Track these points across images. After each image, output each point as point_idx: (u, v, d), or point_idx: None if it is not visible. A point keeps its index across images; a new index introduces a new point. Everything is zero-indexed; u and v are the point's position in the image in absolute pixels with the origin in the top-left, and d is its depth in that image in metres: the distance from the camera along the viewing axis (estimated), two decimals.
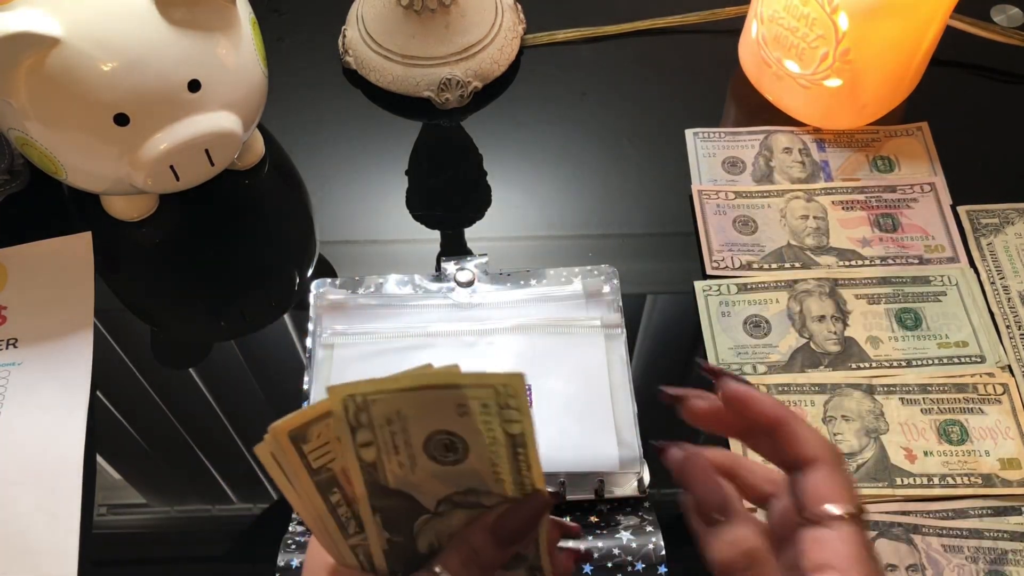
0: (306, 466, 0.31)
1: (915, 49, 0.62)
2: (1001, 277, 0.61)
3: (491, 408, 0.30)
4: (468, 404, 0.30)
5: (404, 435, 0.31)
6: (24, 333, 0.60)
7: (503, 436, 0.31)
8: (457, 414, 0.31)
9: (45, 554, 0.51)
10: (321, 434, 0.30)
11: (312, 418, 0.30)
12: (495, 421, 0.30)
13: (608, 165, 0.68)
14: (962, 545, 0.51)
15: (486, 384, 0.30)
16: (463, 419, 0.31)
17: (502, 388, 0.30)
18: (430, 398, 0.30)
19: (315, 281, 0.60)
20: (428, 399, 0.30)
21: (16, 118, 0.54)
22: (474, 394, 0.30)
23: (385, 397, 0.30)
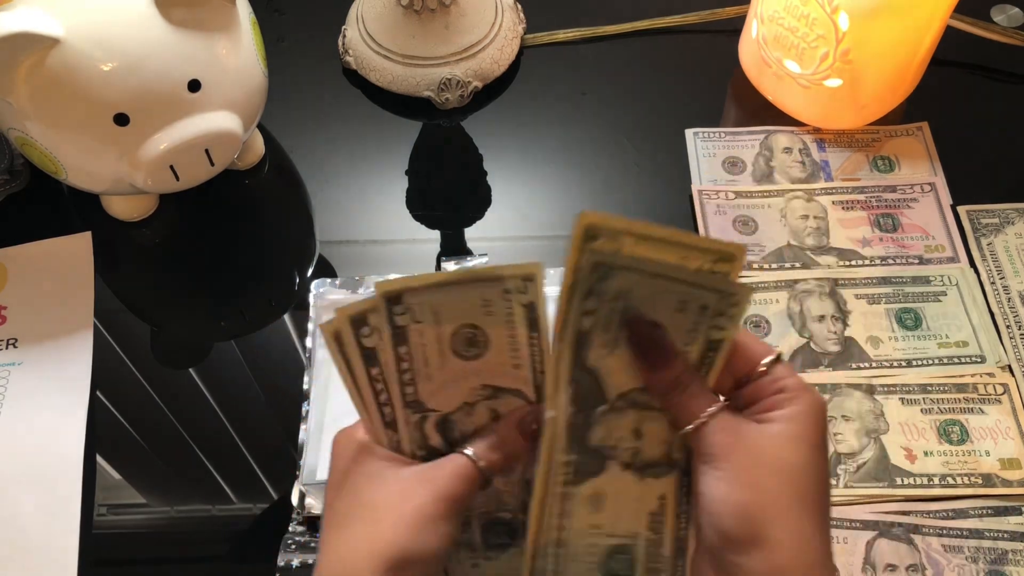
0: (360, 349, 0.33)
1: (915, 49, 0.62)
2: (1001, 277, 0.61)
3: (511, 294, 0.34)
4: (492, 299, 0.34)
5: (436, 329, 0.34)
6: (24, 333, 0.60)
7: (523, 319, 0.34)
8: (482, 309, 0.34)
9: (45, 554, 0.51)
10: (416, 304, 0.33)
11: (369, 307, 0.33)
12: (516, 307, 0.34)
13: (608, 165, 0.68)
14: (962, 545, 0.51)
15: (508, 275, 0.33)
16: (487, 315, 0.34)
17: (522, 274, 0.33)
18: (461, 293, 0.33)
19: (315, 281, 0.60)
20: (459, 295, 0.33)
21: (16, 118, 0.54)
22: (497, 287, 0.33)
23: (629, 266, 0.33)
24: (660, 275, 0.33)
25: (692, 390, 0.34)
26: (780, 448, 0.33)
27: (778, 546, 0.32)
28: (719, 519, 0.33)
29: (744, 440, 0.33)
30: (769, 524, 0.32)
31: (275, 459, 0.56)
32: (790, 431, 0.33)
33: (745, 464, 0.33)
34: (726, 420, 0.34)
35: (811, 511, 0.33)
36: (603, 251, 0.32)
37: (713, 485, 0.33)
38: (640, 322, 0.34)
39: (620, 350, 0.34)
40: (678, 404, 0.34)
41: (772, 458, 0.33)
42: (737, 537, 0.32)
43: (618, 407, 0.35)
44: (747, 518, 0.32)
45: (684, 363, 0.34)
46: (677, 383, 0.34)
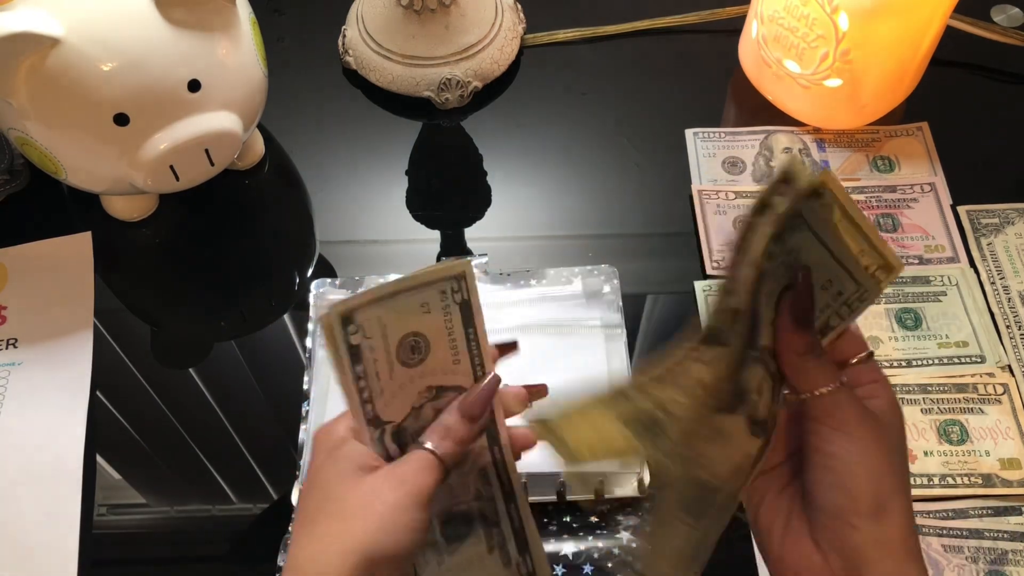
0: (346, 343, 0.35)
1: (915, 49, 0.62)
2: (1001, 277, 0.61)
3: (447, 295, 0.37)
4: (430, 301, 0.36)
5: (384, 343, 0.36)
6: (24, 333, 0.60)
7: (458, 316, 0.37)
8: (421, 312, 0.36)
9: (45, 554, 0.51)
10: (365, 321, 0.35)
11: (359, 304, 0.35)
12: (451, 305, 0.37)
13: (608, 165, 0.68)
14: (962, 545, 0.51)
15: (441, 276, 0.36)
16: (427, 316, 0.36)
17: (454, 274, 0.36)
18: (400, 303, 0.36)
19: (315, 281, 0.60)
20: (399, 304, 0.36)
21: (16, 118, 0.54)
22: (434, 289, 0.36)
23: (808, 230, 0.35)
24: (831, 250, 0.35)
25: (824, 359, 0.36)
26: (894, 430, 0.35)
27: (900, 517, 0.34)
28: (853, 480, 0.34)
29: (870, 416, 0.35)
30: (895, 495, 0.34)
31: (275, 459, 0.56)
32: (894, 420, 0.35)
33: (876, 436, 0.35)
34: (852, 394, 0.35)
35: (910, 496, 0.35)
36: (806, 206, 0.34)
37: (848, 447, 0.34)
38: (807, 278, 0.35)
39: (772, 301, 0.36)
40: (809, 369, 0.36)
41: (892, 438, 0.35)
42: (868, 500, 0.34)
43: (758, 359, 0.36)
44: (880, 483, 0.34)
45: (817, 334, 0.36)
46: (812, 348, 0.35)
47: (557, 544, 0.52)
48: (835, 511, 0.34)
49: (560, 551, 0.51)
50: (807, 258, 0.35)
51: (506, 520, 0.40)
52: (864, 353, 0.37)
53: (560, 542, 0.52)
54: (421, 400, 0.38)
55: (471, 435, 0.38)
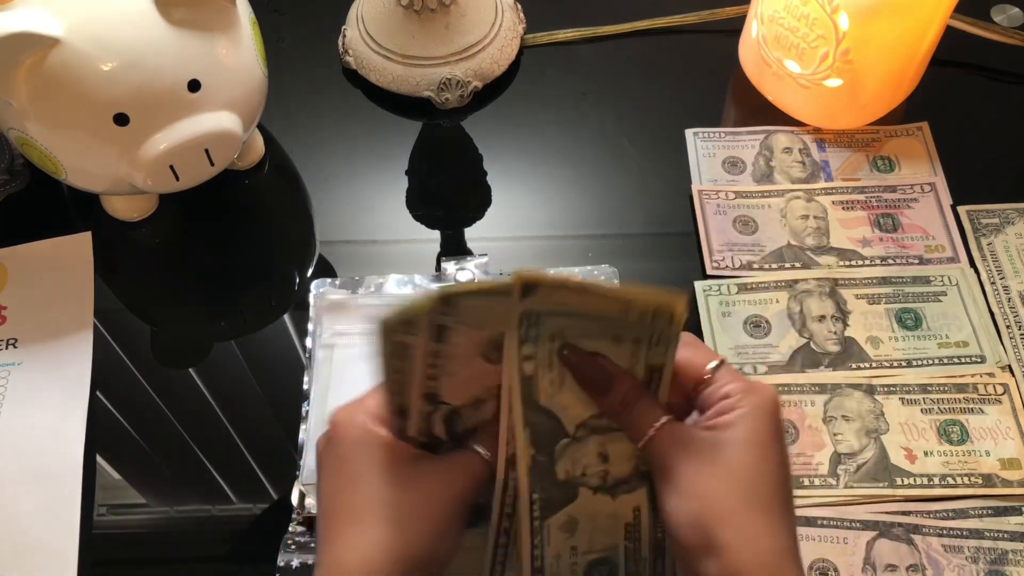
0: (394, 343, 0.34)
1: (915, 49, 0.62)
2: (1001, 277, 0.61)
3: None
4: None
5: (477, 335, 0.34)
6: (24, 333, 0.60)
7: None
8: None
9: (45, 554, 0.51)
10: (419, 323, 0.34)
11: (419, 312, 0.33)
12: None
13: (608, 165, 0.68)
14: (962, 545, 0.51)
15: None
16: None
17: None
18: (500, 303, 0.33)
19: (315, 281, 0.60)
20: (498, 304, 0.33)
21: (16, 118, 0.54)
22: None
23: (557, 311, 0.33)
24: (593, 317, 0.34)
25: (640, 407, 0.35)
26: (726, 453, 0.34)
27: (730, 549, 0.32)
28: (675, 530, 0.34)
29: (691, 450, 0.34)
30: (720, 529, 0.32)
31: (275, 459, 0.56)
32: (735, 434, 0.34)
33: (693, 473, 0.33)
34: (674, 432, 0.35)
35: (763, 510, 0.33)
36: (529, 304, 0.33)
37: (667, 497, 0.34)
38: (577, 353, 0.34)
39: (569, 385, 0.35)
40: (629, 422, 0.35)
41: (717, 464, 0.33)
42: (693, 545, 0.33)
43: (579, 436, 0.35)
44: (698, 526, 0.33)
45: (631, 382, 0.35)
46: (625, 403, 0.35)
47: None
48: (680, 559, 0.34)
49: None
50: (574, 332, 0.34)
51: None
52: (711, 366, 0.35)
53: None
54: (487, 395, 0.36)
55: None
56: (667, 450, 0.34)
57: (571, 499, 0.36)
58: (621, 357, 0.35)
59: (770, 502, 0.33)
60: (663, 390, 0.36)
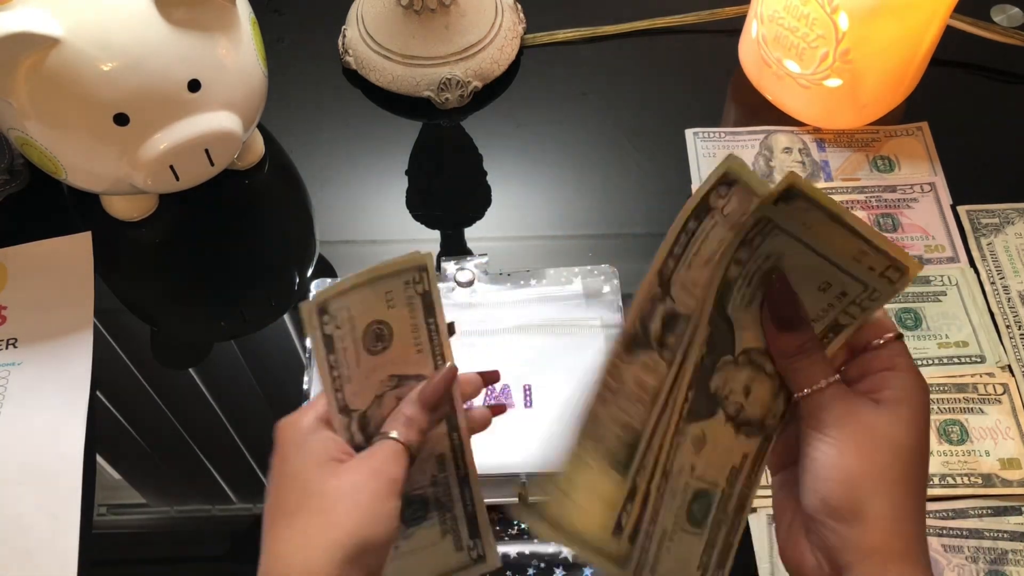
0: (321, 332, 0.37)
1: (915, 49, 0.62)
2: (1001, 277, 0.61)
3: (410, 285, 0.38)
4: (393, 291, 0.38)
5: (352, 331, 0.37)
6: (24, 333, 0.60)
7: (419, 306, 0.38)
8: (386, 303, 0.38)
9: (45, 554, 0.51)
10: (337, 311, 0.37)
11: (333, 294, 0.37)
12: (414, 296, 0.38)
13: (608, 165, 0.68)
14: (962, 545, 0.51)
15: (404, 267, 0.38)
16: (390, 307, 0.38)
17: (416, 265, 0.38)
18: (367, 293, 0.37)
19: (315, 281, 0.60)
20: (366, 295, 0.37)
21: (16, 118, 0.54)
22: (397, 279, 0.38)
23: (793, 232, 0.34)
24: (821, 254, 0.34)
25: (814, 358, 0.35)
26: (891, 426, 0.34)
27: (879, 520, 0.33)
28: (826, 484, 0.34)
29: (858, 413, 0.34)
30: (873, 497, 0.33)
31: None
32: (902, 411, 0.34)
33: (857, 436, 0.34)
34: (841, 391, 0.35)
35: (912, 492, 0.34)
36: (777, 211, 0.33)
37: (824, 450, 0.34)
38: (784, 281, 0.35)
39: (755, 306, 0.35)
40: (798, 369, 0.35)
41: (883, 434, 0.34)
42: (840, 504, 0.33)
43: (740, 361, 0.36)
44: (854, 487, 0.33)
45: (812, 333, 0.35)
46: (802, 348, 0.35)
47: (558, 545, 0.52)
48: (812, 514, 0.34)
49: (561, 553, 0.51)
50: (790, 262, 0.35)
51: (459, 505, 0.41)
52: (882, 339, 0.35)
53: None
54: (383, 388, 0.39)
55: (431, 423, 0.39)
56: (836, 408, 0.34)
57: (710, 415, 0.36)
58: (816, 305, 0.35)
59: (919, 487, 0.34)
60: (833, 347, 0.36)
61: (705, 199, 0.34)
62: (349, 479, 0.35)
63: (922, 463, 0.34)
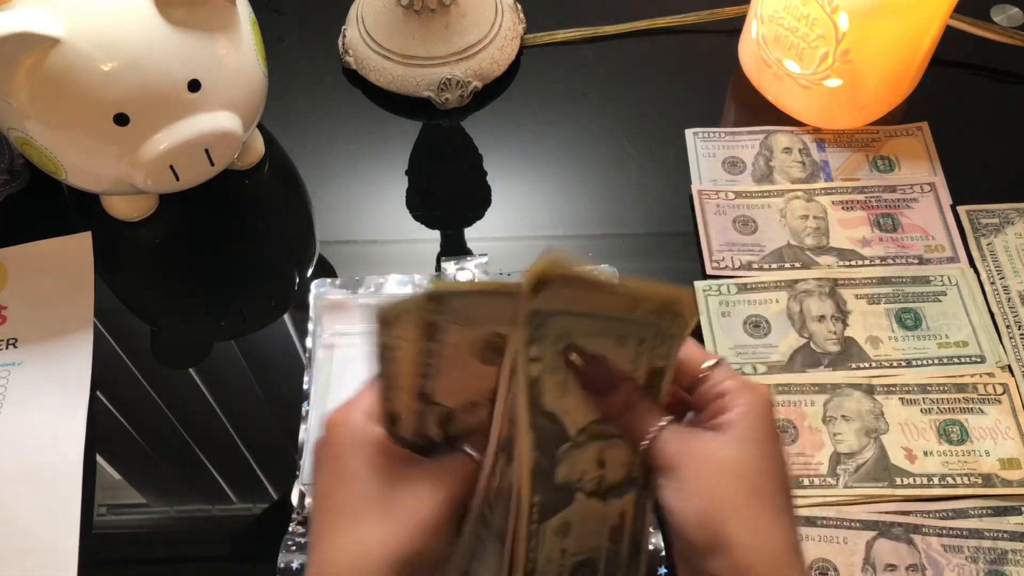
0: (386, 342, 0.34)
1: (915, 49, 0.62)
2: (1001, 277, 0.61)
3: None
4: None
5: (472, 335, 0.34)
6: (24, 333, 0.60)
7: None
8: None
9: (45, 554, 0.51)
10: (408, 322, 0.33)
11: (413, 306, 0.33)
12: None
13: (608, 165, 0.68)
14: (962, 545, 0.51)
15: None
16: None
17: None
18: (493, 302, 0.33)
19: (315, 281, 0.60)
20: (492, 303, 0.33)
21: (16, 118, 0.54)
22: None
23: (564, 311, 0.33)
24: (596, 316, 0.34)
25: (641, 409, 0.35)
26: (727, 450, 0.34)
27: (737, 546, 0.32)
28: (681, 529, 0.34)
29: (693, 448, 0.34)
30: (726, 526, 0.33)
31: (275, 459, 0.56)
32: (735, 433, 0.34)
33: (696, 472, 0.34)
34: (676, 432, 0.35)
35: (768, 506, 0.33)
36: (538, 303, 0.33)
37: (672, 497, 0.34)
38: (582, 354, 0.35)
39: (572, 388, 0.35)
40: (631, 424, 0.35)
41: (721, 462, 0.34)
42: (700, 544, 0.33)
43: (579, 442, 0.36)
44: (705, 524, 0.33)
45: (633, 385, 0.35)
46: (627, 405, 0.35)
47: None
48: (686, 559, 0.34)
49: None
50: (579, 333, 0.34)
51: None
52: (707, 364, 0.36)
53: None
54: (481, 398, 0.36)
55: None
56: (670, 451, 0.34)
57: (567, 503, 0.36)
58: (623, 359, 0.35)
59: (774, 498, 0.34)
60: (663, 391, 0.36)
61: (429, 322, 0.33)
62: (415, 491, 0.34)
63: (770, 475, 0.34)
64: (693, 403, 0.36)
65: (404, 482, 0.34)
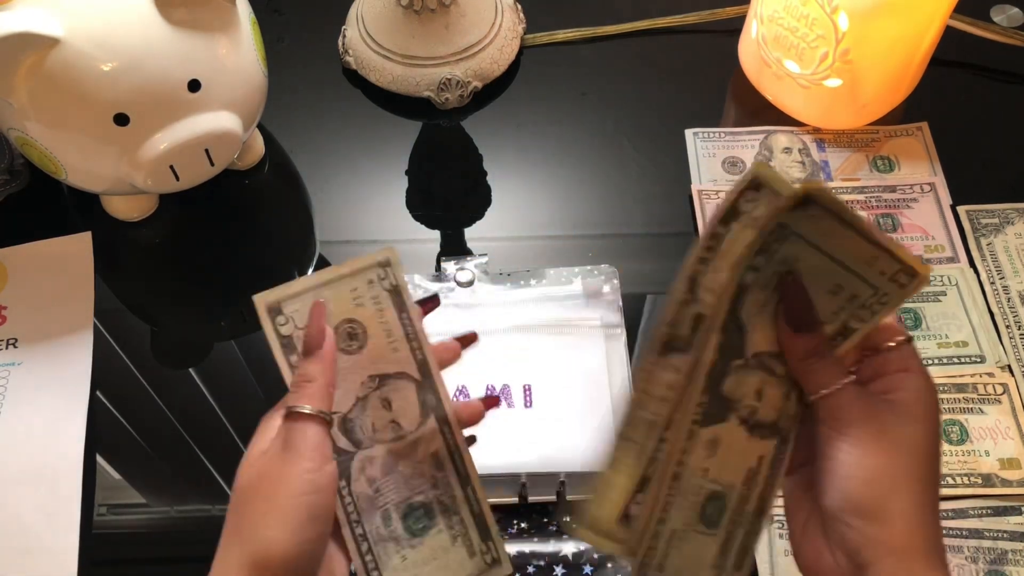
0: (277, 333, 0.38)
1: (915, 49, 0.62)
2: (1001, 277, 0.61)
3: (375, 283, 0.39)
4: (359, 288, 0.38)
5: None
6: (24, 333, 0.60)
7: (389, 303, 0.39)
8: (353, 302, 0.38)
9: (45, 554, 0.51)
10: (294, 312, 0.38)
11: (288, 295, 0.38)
12: (381, 293, 0.39)
13: (608, 165, 0.68)
14: (962, 545, 0.51)
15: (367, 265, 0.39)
16: (358, 305, 0.38)
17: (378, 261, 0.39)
18: (329, 293, 0.38)
19: None
20: (331, 292, 0.38)
21: (16, 118, 0.54)
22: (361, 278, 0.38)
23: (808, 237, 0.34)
24: (833, 258, 0.35)
25: (828, 360, 0.36)
26: (909, 426, 0.34)
27: (900, 518, 0.33)
28: (849, 482, 0.34)
29: (876, 414, 0.35)
30: (895, 495, 0.33)
31: None
32: (918, 412, 0.35)
33: (878, 435, 0.34)
34: (858, 392, 0.35)
35: (930, 492, 0.34)
36: (790, 218, 0.34)
37: (847, 450, 0.34)
38: (798, 283, 0.35)
39: (769, 310, 0.36)
40: (813, 371, 0.36)
41: (902, 435, 0.34)
42: (863, 502, 0.34)
43: (751, 365, 0.36)
44: (877, 485, 0.33)
45: (824, 334, 0.36)
46: (816, 350, 0.36)
47: (557, 544, 0.52)
48: (833, 512, 0.34)
49: (560, 551, 0.51)
50: (804, 266, 0.35)
51: (464, 507, 0.40)
52: (893, 341, 0.36)
53: (560, 542, 0.52)
54: (365, 390, 0.38)
55: (325, 371, 0.37)
56: (853, 407, 0.35)
57: (723, 419, 0.36)
58: (826, 308, 0.36)
59: (935, 489, 0.34)
60: (844, 348, 0.36)
61: (734, 204, 0.34)
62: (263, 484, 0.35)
63: (936, 464, 0.35)
64: (871, 366, 0.37)
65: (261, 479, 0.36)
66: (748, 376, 0.36)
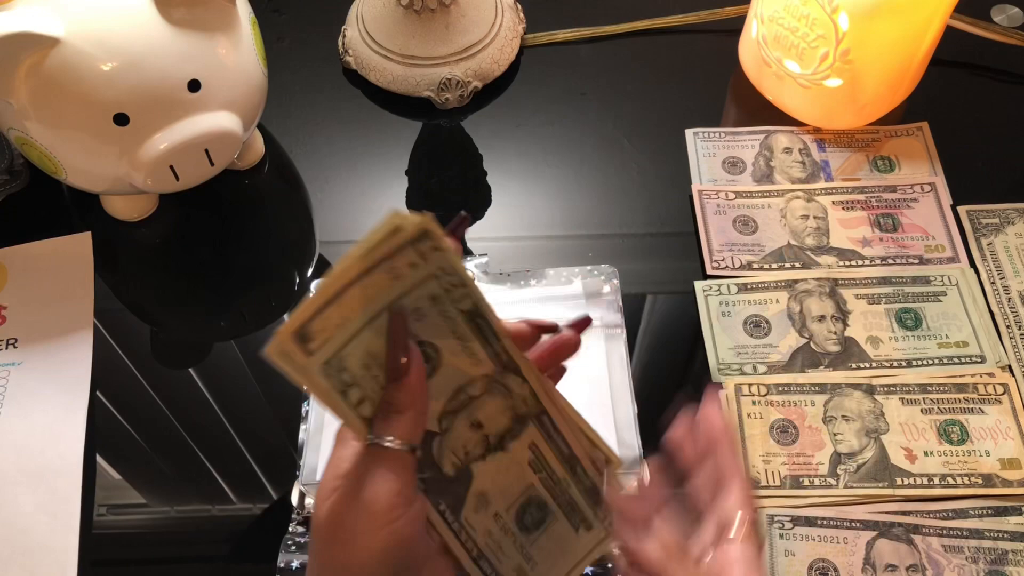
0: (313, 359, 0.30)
1: (915, 49, 0.62)
2: (1001, 277, 0.61)
3: (440, 298, 0.32)
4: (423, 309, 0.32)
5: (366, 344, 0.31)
6: (24, 333, 0.60)
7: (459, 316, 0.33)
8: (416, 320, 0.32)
9: (45, 554, 0.51)
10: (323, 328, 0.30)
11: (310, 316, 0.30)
12: (448, 307, 0.32)
13: (608, 165, 0.68)
14: (962, 545, 0.51)
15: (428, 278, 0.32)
16: (422, 323, 0.32)
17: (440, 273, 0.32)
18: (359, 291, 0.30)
19: (315, 281, 0.60)
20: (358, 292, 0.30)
21: (16, 118, 0.54)
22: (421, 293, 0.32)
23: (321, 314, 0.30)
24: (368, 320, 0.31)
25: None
26: None
27: None
28: None
29: None
30: None
31: (275, 459, 0.56)
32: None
33: None
34: None
35: None
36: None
37: None
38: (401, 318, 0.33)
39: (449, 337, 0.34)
40: None
41: None
42: None
43: (445, 428, 0.34)
44: None
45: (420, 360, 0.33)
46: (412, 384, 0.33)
47: None
48: None
49: None
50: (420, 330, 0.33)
51: (575, 487, 0.37)
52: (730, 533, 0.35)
53: None
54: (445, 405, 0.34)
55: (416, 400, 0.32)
56: None
57: (469, 482, 0.35)
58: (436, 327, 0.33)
59: None
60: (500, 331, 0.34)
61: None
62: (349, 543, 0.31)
63: None
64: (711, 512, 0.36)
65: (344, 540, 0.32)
66: (453, 433, 0.34)
